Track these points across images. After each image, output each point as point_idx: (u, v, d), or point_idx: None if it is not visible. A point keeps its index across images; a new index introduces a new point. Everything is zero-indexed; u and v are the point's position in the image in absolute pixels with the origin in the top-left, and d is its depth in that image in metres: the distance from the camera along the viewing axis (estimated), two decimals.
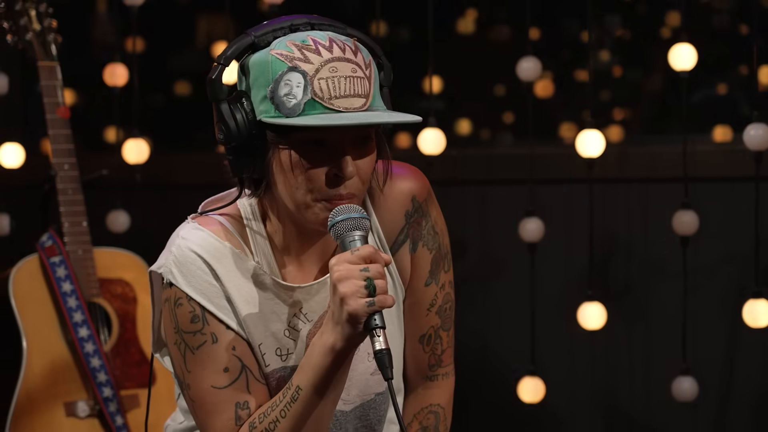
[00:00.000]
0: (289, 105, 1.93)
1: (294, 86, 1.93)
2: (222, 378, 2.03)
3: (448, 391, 2.26)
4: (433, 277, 2.19)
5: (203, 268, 2.03)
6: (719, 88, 4.62)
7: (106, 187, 3.67)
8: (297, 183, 1.97)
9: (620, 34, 4.77)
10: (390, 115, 1.96)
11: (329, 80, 1.93)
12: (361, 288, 1.89)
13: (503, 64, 4.55)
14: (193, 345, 2.03)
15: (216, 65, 1.99)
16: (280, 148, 1.97)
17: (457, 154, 3.94)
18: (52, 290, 3.28)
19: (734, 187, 3.72)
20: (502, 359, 4.00)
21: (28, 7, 3.33)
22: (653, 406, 3.85)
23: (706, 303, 3.75)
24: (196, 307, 2.03)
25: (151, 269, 2.07)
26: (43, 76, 3.34)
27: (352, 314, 1.90)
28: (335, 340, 1.93)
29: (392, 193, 2.13)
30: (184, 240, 2.05)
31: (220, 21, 4.64)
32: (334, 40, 1.97)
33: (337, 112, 1.93)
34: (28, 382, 3.22)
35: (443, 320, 2.21)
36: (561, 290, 3.88)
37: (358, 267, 1.90)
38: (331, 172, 1.96)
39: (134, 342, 3.36)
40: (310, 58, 1.94)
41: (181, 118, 4.88)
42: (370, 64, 1.98)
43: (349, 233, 1.94)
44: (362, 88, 1.95)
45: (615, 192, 3.85)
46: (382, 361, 1.90)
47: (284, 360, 2.08)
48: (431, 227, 2.18)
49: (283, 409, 1.99)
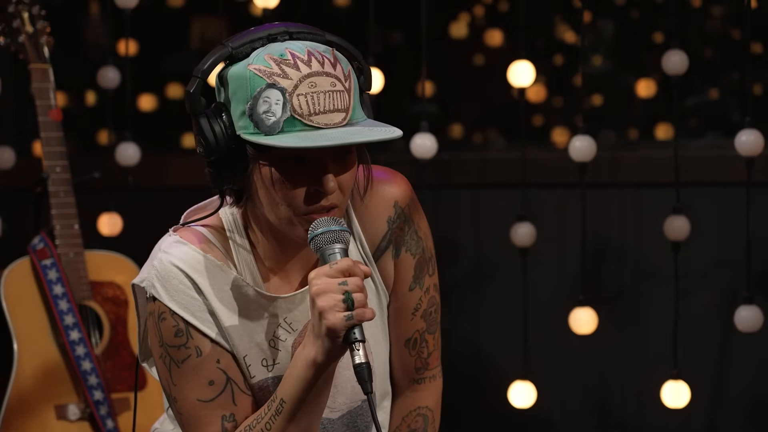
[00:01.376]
0: (268, 123, 1.91)
1: (273, 103, 1.91)
2: (207, 391, 2.03)
3: (436, 394, 2.25)
4: (417, 282, 2.18)
5: (185, 282, 2.03)
6: (711, 94, 4.63)
7: (98, 190, 3.66)
8: (278, 198, 1.96)
9: (613, 39, 4.78)
10: (370, 131, 1.93)
11: (308, 96, 1.91)
12: (339, 302, 1.88)
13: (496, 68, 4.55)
14: (177, 359, 2.03)
15: (193, 78, 1.97)
16: (261, 163, 1.96)
17: (450, 158, 3.94)
18: (43, 293, 3.28)
19: (726, 192, 3.73)
20: (493, 364, 4.00)
21: (20, 9, 3.33)
22: (644, 411, 3.85)
23: (698, 308, 3.76)
24: (179, 321, 2.02)
25: (134, 282, 2.07)
26: (35, 79, 3.34)
27: (330, 328, 1.89)
28: (316, 353, 1.93)
29: (374, 198, 2.12)
30: (165, 254, 2.04)
31: (214, 23, 4.64)
32: (312, 52, 1.94)
33: (317, 129, 1.91)
34: (19, 385, 3.22)
35: (428, 324, 2.21)
36: (553, 295, 3.88)
37: (336, 281, 1.89)
38: (312, 188, 1.95)
39: (125, 345, 3.36)
40: (288, 74, 1.92)
41: (173, 121, 4.88)
42: (350, 75, 1.96)
43: (329, 246, 1.93)
44: (342, 102, 1.93)
45: (607, 197, 3.85)
46: (362, 375, 1.89)
47: (270, 371, 2.08)
48: (414, 232, 2.17)
49: (268, 422, 1.99)
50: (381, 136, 1.92)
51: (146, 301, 2.06)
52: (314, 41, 1.98)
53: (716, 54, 4.60)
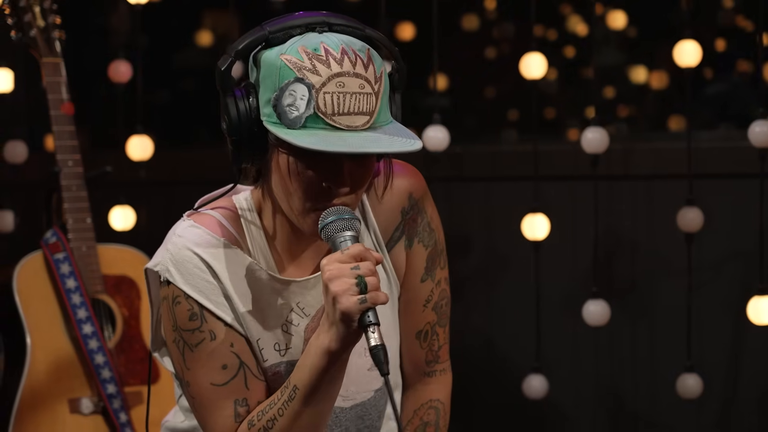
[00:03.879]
0: (290, 116, 1.91)
1: (298, 98, 1.91)
2: (220, 375, 2.04)
3: (447, 387, 2.26)
4: (428, 274, 2.19)
5: (200, 266, 2.03)
6: (724, 85, 4.61)
7: (110, 184, 3.66)
8: (293, 189, 1.97)
9: (625, 30, 4.77)
10: (390, 141, 1.92)
11: (335, 95, 1.91)
12: (352, 286, 1.89)
13: (508, 60, 4.54)
14: (191, 343, 2.03)
15: (226, 56, 1.97)
16: (280, 151, 1.97)
17: (462, 150, 3.94)
18: (56, 287, 3.28)
19: (739, 184, 3.72)
20: (506, 356, 4.00)
21: (32, 3, 3.33)
22: (658, 403, 3.85)
23: (711, 300, 3.75)
24: (194, 305, 2.03)
25: (147, 267, 2.07)
26: (47, 73, 3.34)
27: (344, 312, 1.90)
28: (330, 341, 1.94)
29: (389, 189, 2.14)
30: (180, 238, 2.05)
31: (225, 17, 4.64)
32: (347, 51, 1.93)
33: (338, 129, 1.91)
34: (32, 379, 3.23)
35: (439, 316, 2.22)
36: (565, 287, 3.88)
37: (348, 265, 1.90)
38: (326, 185, 1.96)
39: (138, 339, 3.37)
40: (318, 70, 1.92)
41: (185, 115, 4.88)
42: (381, 77, 1.96)
43: (340, 233, 1.94)
44: (367, 105, 1.93)
45: (620, 189, 3.84)
46: (378, 357, 1.89)
47: (283, 355, 2.09)
48: (427, 224, 2.18)
49: (281, 408, 2.00)
50: (398, 148, 1.92)
51: (159, 286, 2.07)
52: (353, 35, 1.98)
53: (729, 45, 4.59)
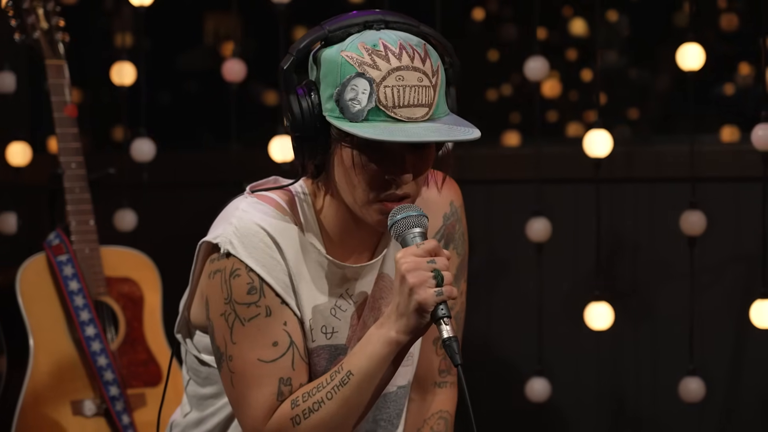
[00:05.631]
0: (353, 110, 1.97)
1: (360, 92, 1.97)
2: (270, 352, 2.05)
3: (454, 400, 2.31)
4: (456, 282, 2.24)
5: (267, 242, 2.06)
6: (727, 88, 4.61)
7: (114, 186, 3.67)
8: (356, 181, 2.02)
9: (627, 33, 4.77)
10: (449, 130, 1.99)
11: (395, 89, 1.97)
12: (429, 278, 1.94)
13: (510, 63, 4.54)
14: (244, 317, 2.05)
15: (288, 55, 2.03)
16: (343, 145, 2.01)
17: (464, 153, 3.94)
18: (59, 289, 3.29)
19: (742, 187, 3.72)
20: (509, 359, 4.00)
21: (35, 5, 3.33)
22: (660, 406, 3.85)
23: (713, 303, 3.75)
24: (255, 278, 2.05)
25: (204, 240, 2.09)
26: (50, 75, 3.34)
27: (421, 303, 1.94)
28: (398, 331, 1.97)
29: (433, 194, 2.21)
30: (245, 212, 2.08)
31: (228, 19, 4.64)
32: (405, 46, 1.99)
33: (399, 121, 1.97)
34: (35, 381, 3.23)
35: (458, 327, 2.26)
36: (568, 290, 3.88)
37: (424, 259, 1.96)
38: (389, 176, 2.01)
39: (141, 341, 3.37)
40: (378, 64, 1.97)
41: (188, 117, 4.88)
42: (438, 71, 2.01)
43: (410, 230, 1.99)
44: (426, 97, 1.99)
45: (622, 192, 3.84)
46: (452, 348, 1.94)
47: (328, 338, 2.11)
48: (461, 234, 2.27)
49: (330, 391, 2.02)
50: (458, 136, 1.99)
51: (210, 262, 2.08)
52: (409, 32, 2.04)
53: (732, 48, 4.59)
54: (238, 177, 2.16)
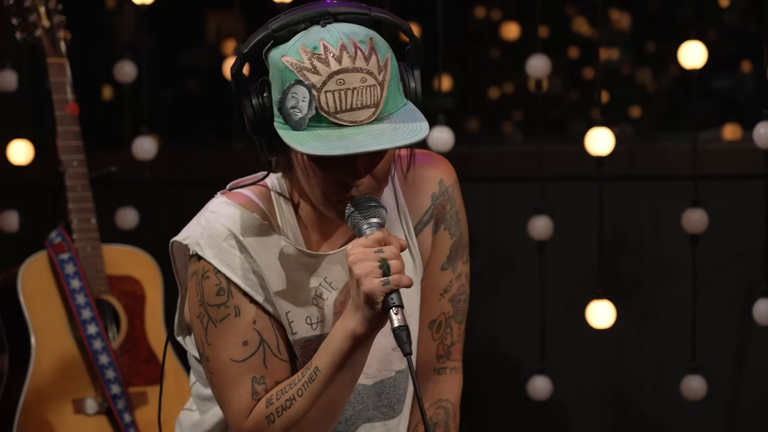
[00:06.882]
0: (294, 118, 1.94)
1: (300, 100, 1.93)
2: (241, 351, 2.05)
3: (457, 388, 2.26)
4: (450, 263, 2.21)
5: (231, 242, 2.05)
6: (729, 86, 4.61)
7: (115, 184, 3.67)
8: (313, 183, 2.00)
9: (630, 31, 4.77)
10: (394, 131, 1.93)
11: (335, 93, 1.93)
12: (375, 269, 1.92)
13: (512, 61, 4.54)
14: (216, 318, 2.05)
15: (236, 58, 2.01)
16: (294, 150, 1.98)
17: (467, 151, 3.93)
18: (60, 287, 3.28)
19: (744, 185, 3.71)
20: (511, 357, 3.99)
21: (37, 3, 3.33)
22: (662, 404, 3.84)
23: (716, 301, 3.74)
24: (222, 279, 2.05)
25: (175, 239, 2.09)
26: (52, 73, 3.34)
27: (368, 294, 1.93)
28: (355, 325, 1.96)
29: (419, 174, 2.16)
30: (213, 214, 2.07)
31: (230, 17, 4.64)
32: (346, 46, 1.94)
33: (342, 126, 1.93)
34: (37, 379, 3.23)
35: (456, 310, 2.23)
36: (570, 288, 3.87)
37: (371, 249, 1.94)
38: (343, 178, 1.98)
39: (143, 339, 3.37)
40: (318, 69, 1.93)
41: (190, 115, 4.88)
42: (386, 65, 1.96)
43: (365, 221, 1.97)
44: (372, 97, 1.94)
45: (624, 190, 3.84)
46: (401, 337, 1.92)
47: (314, 329, 2.11)
48: (455, 213, 2.21)
49: (301, 388, 2.02)
50: (400, 141, 1.92)
51: (188, 262, 2.08)
52: (358, 21, 1.99)
53: (734, 46, 4.59)
54: (239, 175, 2.15)
